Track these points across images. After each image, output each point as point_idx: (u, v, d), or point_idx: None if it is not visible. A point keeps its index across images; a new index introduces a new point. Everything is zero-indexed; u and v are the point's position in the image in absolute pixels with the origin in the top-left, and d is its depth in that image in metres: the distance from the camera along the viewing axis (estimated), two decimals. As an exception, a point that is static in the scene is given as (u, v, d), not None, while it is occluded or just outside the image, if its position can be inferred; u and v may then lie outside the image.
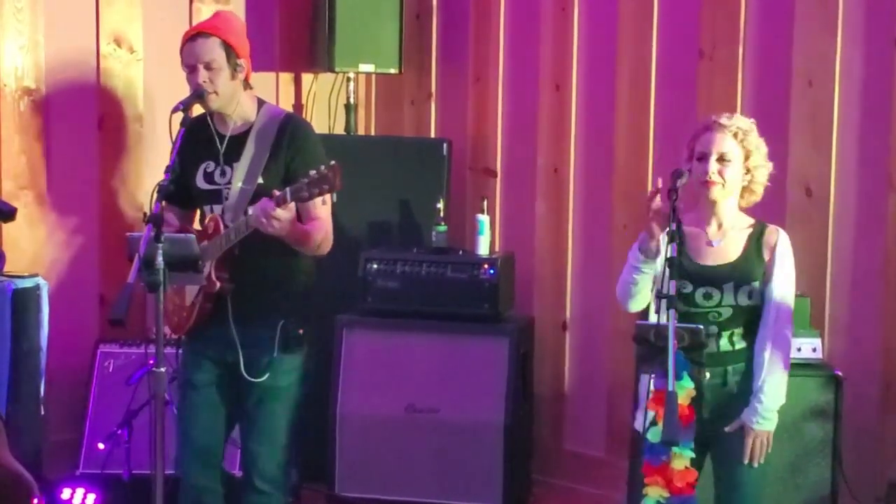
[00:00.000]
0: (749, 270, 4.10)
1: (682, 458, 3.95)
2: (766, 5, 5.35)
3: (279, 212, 4.05)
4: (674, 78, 5.62)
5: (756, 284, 4.10)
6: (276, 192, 4.07)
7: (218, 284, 4.28)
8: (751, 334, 4.14)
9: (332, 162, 4.04)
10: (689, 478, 3.96)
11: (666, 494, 3.97)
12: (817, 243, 5.20)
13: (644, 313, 4.24)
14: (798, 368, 4.82)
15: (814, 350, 4.89)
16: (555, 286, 6.05)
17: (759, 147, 4.13)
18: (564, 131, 5.99)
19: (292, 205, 4.08)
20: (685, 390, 3.94)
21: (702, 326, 3.99)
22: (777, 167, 5.25)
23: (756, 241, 4.14)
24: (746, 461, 4.10)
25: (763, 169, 4.15)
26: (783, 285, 4.14)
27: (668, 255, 3.86)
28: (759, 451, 4.11)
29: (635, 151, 5.72)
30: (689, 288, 4.08)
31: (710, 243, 4.15)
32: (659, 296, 3.87)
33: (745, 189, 4.15)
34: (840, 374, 4.81)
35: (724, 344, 4.12)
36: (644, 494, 4.01)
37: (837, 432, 4.76)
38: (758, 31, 5.37)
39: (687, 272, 4.06)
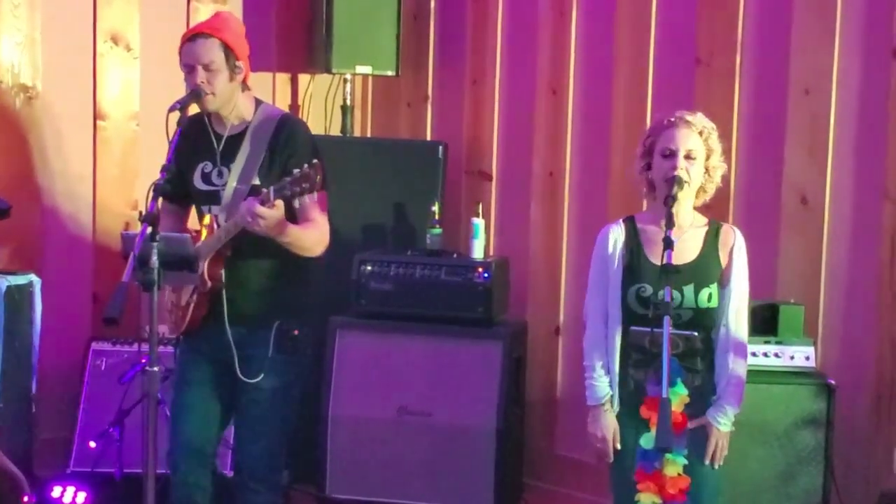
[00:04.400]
0: (708, 271, 4.05)
1: (674, 465, 3.95)
2: (763, 14, 5.36)
3: (263, 210, 4.05)
4: (670, 85, 5.63)
5: (714, 286, 4.04)
6: (263, 191, 4.08)
7: (210, 283, 4.28)
8: (709, 337, 4.07)
9: (315, 160, 4.06)
10: (682, 484, 3.96)
11: (658, 501, 3.97)
12: (812, 251, 5.21)
13: (639, 320, 4.22)
14: (791, 376, 4.83)
15: (807, 358, 4.89)
16: (549, 291, 6.05)
17: (718, 146, 4.10)
18: (560, 136, 5.99)
19: (280, 204, 4.09)
20: (679, 397, 3.94)
21: (696, 333, 3.99)
22: (772, 175, 5.31)
23: (712, 239, 4.09)
24: (708, 461, 4.04)
25: (720, 170, 4.12)
26: (741, 287, 4.10)
27: (663, 263, 3.86)
28: (719, 453, 4.05)
29: (631, 157, 5.67)
30: (648, 290, 4.01)
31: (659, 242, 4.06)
32: (653, 304, 3.88)
33: (700, 188, 4.11)
34: (833, 382, 4.82)
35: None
36: (636, 501, 4.01)
37: (830, 440, 4.76)
38: (755, 40, 5.38)
39: (644, 273, 4.03)
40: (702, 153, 4.06)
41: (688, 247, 4.05)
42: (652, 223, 4.12)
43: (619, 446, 4.08)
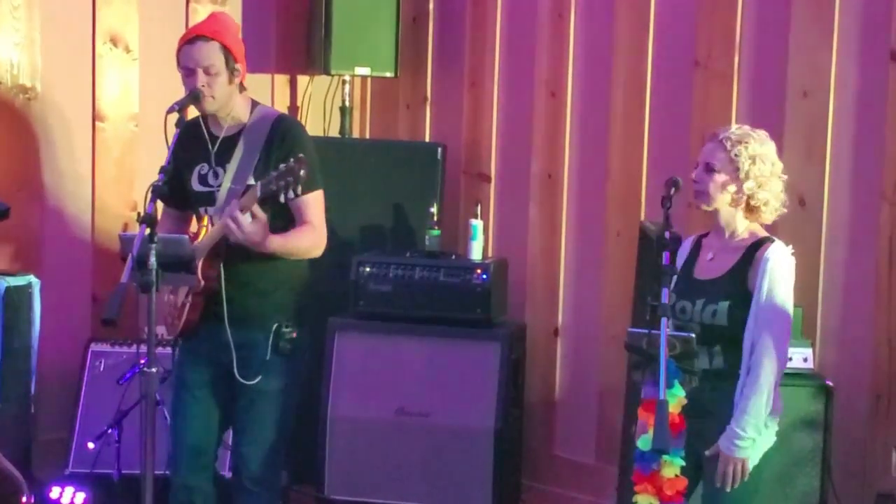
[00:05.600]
0: (722, 288, 3.99)
1: (672, 467, 3.94)
2: (762, 15, 5.36)
3: (241, 217, 4.06)
4: (669, 87, 5.63)
5: (724, 304, 3.96)
6: (250, 187, 4.12)
7: (203, 283, 4.28)
8: (735, 356, 3.98)
9: (300, 154, 4.10)
10: (679, 486, 3.95)
11: (656, 502, 3.97)
12: (810, 254, 5.20)
13: (637, 321, 4.24)
14: (789, 378, 4.81)
15: (805, 360, 4.89)
16: (547, 292, 6.05)
17: (756, 162, 3.99)
18: (559, 138, 6.00)
19: (262, 216, 4.11)
20: (676, 399, 3.94)
21: (694, 335, 3.99)
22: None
23: (748, 256, 4.01)
24: (718, 485, 3.97)
25: (763, 190, 4.01)
26: (763, 302, 3.93)
27: (661, 263, 3.87)
28: (730, 478, 3.96)
29: (629, 159, 5.73)
30: (672, 299, 3.98)
31: (708, 256, 4.12)
32: (651, 304, 3.88)
33: (749, 206, 4.04)
34: (831, 384, 4.82)
35: (701, 361, 4.01)
36: (634, 502, 4.01)
37: (827, 442, 4.77)
38: (753, 42, 5.38)
39: (677, 283, 4.04)
40: (725, 166, 4.00)
41: (723, 263, 4.05)
42: (712, 237, 4.16)
43: None
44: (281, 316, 4.38)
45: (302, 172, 4.06)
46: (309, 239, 4.35)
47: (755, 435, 3.96)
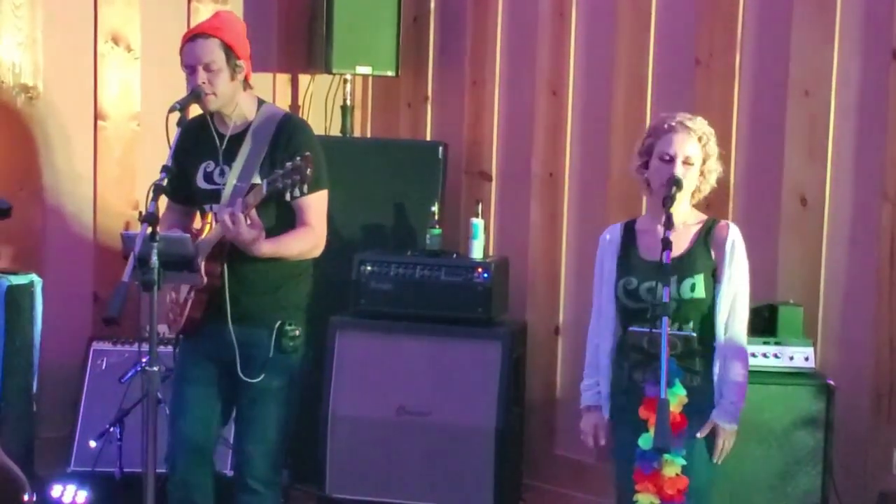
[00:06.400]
0: (691, 263, 4.08)
1: (673, 466, 3.95)
2: (763, 14, 5.36)
3: (239, 217, 4.08)
4: (670, 86, 5.63)
5: (699, 277, 4.06)
6: (256, 185, 4.13)
7: (205, 280, 4.28)
8: (706, 333, 4.09)
9: (306, 153, 4.10)
10: (680, 485, 3.96)
11: (657, 502, 3.98)
12: (811, 252, 5.21)
13: (631, 316, 4.23)
14: (790, 377, 4.84)
15: (806, 359, 4.89)
16: (548, 291, 6.05)
17: (714, 151, 4.16)
18: (560, 137, 6.00)
19: (257, 221, 4.12)
20: (677, 397, 3.95)
21: (695, 334, 4.00)
22: (772, 176, 5.30)
23: (704, 235, 4.14)
24: (716, 460, 4.09)
25: (715, 173, 4.18)
26: (735, 280, 4.10)
27: (662, 263, 3.88)
28: (726, 450, 4.10)
29: (631, 158, 5.72)
30: (633, 283, 4.09)
31: (653, 239, 4.11)
32: (651, 304, 3.89)
33: (696, 189, 4.17)
34: (832, 383, 4.82)
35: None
36: (635, 501, 4.02)
37: (829, 441, 4.77)
38: (755, 40, 5.38)
39: (632, 267, 4.11)
40: (699, 158, 4.12)
41: (678, 242, 4.08)
42: (647, 221, 4.21)
43: (602, 442, 4.26)
44: (285, 314, 4.38)
45: (308, 171, 4.07)
46: (305, 242, 4.35)
47: (739, 404, 4.10)
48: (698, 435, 4.06)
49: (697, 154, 4.11)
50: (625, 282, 4.11)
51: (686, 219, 4.17)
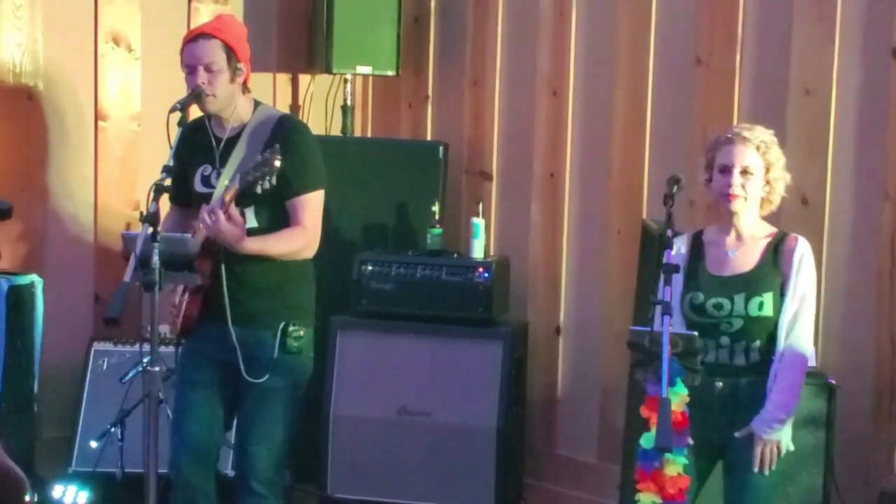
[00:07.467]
0: (761, 280, 4.11)
1: (674, 465, 3.95)
2: (764, 14, 5.36)
3: (221, 214, 4.07)
4: (671, 85, 5.63)
5: (768, 295, 4.10)
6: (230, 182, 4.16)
7: (206, 280, 4.28)
8: (772, 346, 4.12)
9: (276, 145, 4.12)
10: (682, 484, 3.96)
11: (658, 501, 3.98)
12: (812, 252, 5.20)
13: (639, 319, 4.25)
14: (791, 376, 4.83)
15: (807, 358, 4.89)
16: (549, 291, 6.05)
17: (779, 159, 4.18)
18: (561, 136, 6.00)
19: (238, 217, 4.11)
20: (679, 397, 3.95)
21: (696, 333, 4.00)
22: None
23: (773, 250, 4.16)
24: (756, 469, 4.11)
25: (782, 181, 4.20)
26: (801, 295, 4.12)
27: (663, 262, 3.88)
28: (767, 459, 4.11)
29: (631, 158, 5.73)
30: (700, 298, 4.11)
31: (727, 254, 4.17)
32: (653, 302, 3.90)
33: (764, 200, 4.19)
34: (833, 382, 4.82)
35: (738, 357, 4.13)
36: (636, 500, 4.02)
37: (830, 440, 4.76)
38: (755, 40, 5.38)
39: (699, 282, 4.12)
40: (759, 167, 4.13)
41: (748, 257, 4.14)
42: (716, 235, 4.23)
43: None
44: (290, 315, 4.38)
45: (276, 163, 4.07)
46: (294, 241, 4.34)
47: (785, 418, 4.10)
48: (736, 434, 4.11)
49: (757, 164, 4.12)
50: (691, 296, 4.12)
51: (755, 232, 4.20)
